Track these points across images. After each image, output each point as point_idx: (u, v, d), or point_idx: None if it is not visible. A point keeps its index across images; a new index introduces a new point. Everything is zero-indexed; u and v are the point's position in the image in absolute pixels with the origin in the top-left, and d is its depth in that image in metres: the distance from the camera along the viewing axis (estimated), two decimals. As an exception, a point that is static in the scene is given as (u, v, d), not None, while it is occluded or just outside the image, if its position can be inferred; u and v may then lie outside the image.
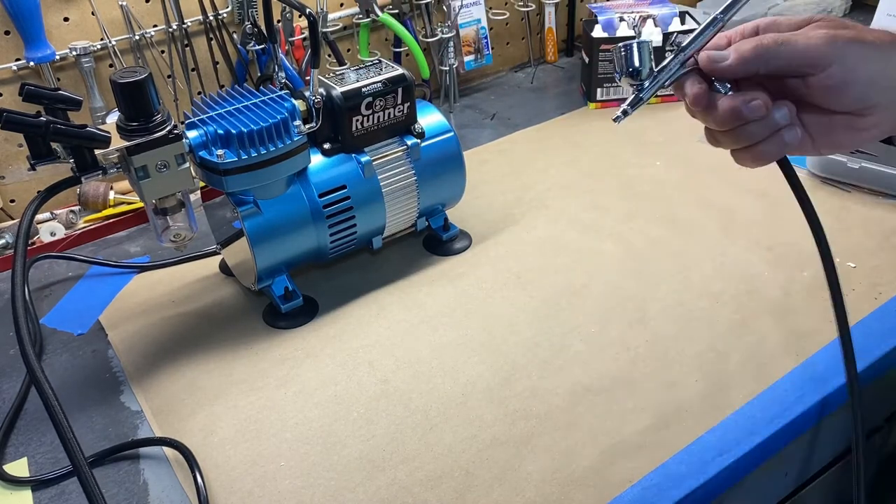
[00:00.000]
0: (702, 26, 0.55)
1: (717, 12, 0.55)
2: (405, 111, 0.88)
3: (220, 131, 0.77)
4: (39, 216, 1.03)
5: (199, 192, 1.01)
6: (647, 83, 0.55)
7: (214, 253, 0.98)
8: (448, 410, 0.75)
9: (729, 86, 0.53)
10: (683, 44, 0.55)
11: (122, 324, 0.89)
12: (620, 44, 0.55)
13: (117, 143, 0.70)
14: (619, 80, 0.56)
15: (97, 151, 0.70)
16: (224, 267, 0.96)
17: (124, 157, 0.71)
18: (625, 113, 0.56)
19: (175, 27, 1.08)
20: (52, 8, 0.99)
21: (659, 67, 0.55)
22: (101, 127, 0.69)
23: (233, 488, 0.69)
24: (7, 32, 0.98)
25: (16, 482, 0.71)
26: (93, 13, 1.02)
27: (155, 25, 1.07)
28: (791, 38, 0.50)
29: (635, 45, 0.55)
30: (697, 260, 0.92)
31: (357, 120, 0.85)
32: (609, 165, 1.13)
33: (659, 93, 0.58)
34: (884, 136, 0.54)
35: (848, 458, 0.93)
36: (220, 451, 0.72)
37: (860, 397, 0.65)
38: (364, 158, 0.86)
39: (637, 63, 0.55)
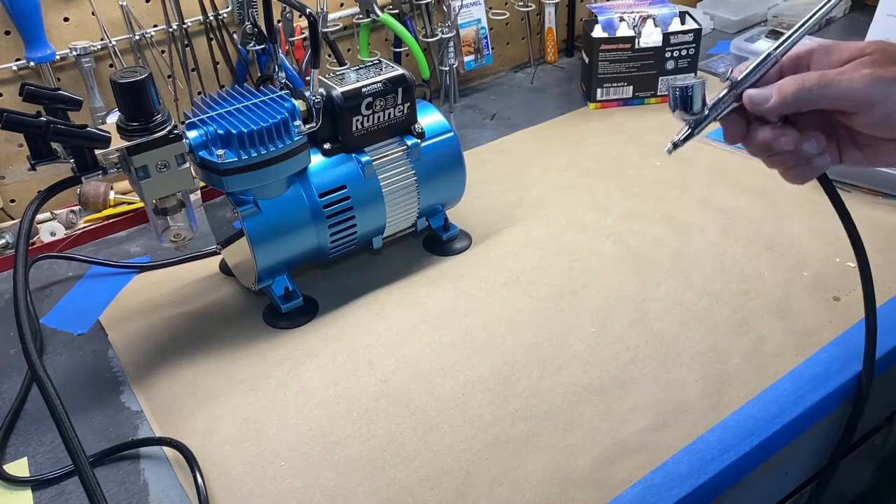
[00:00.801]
0: (756, 62, 0.56)
1: (772, 48, 0.56)
2: (405, 111, 0.88)
3: (220, 131, 0.77)
4: (40, 216, 1.03)
5: (199, 192, 1.01)
6: (700, 118, 0.57)
7: (214, 253, 0.98)
8: (448, 410, 0.75)
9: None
10: (738, 79, 0.56)
11: (122, 324, 0.89)
12: (678, 83, 0.57)
13: (117, 143, 0.70)
14: (673, 114, 0.58)
15: (97, 151, 0.70)
16: (224, 267, 0.96)
17: (124, 157, 0.71)
18: (675, 146, 0.58)
19: (175, 27, 1.08)
20: (52, 8, 0.99)
21: (712, 103, 0.57)
22: (101, 127, 0.69)
23: (233, 488, 0.69)
24: (7, 32, 0.98)
25: (16, 482, 0.71)
26: (93, 13, 1.02)
27: (155, 25, 1.07)
28: (834, 80, 0.52)
29: (695, 86, 0.56)
30: (697, 260, 0.92)
31: (357, 120, 0.85)
32: (609, 165, 1.13)
33: (659, 93, 0.59)
34: None
35: (847, 458, 0.93)
36: (220, 451, 0.72)
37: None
38: (364, 158, 0.86)
39: (695, 104, 0.57)
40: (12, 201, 1.07)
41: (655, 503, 0.65)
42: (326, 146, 0.86)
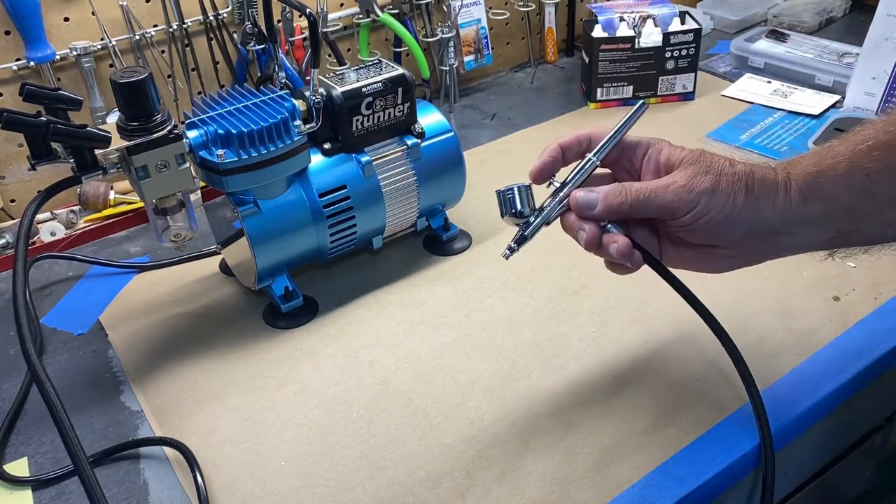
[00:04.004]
0: (577, 167, 0.62)
1: (591, 154, 0.62)
2: (405, 111, 0.88)
3: (221, 131, 0.77)
4: (39, 216, 1.03)
5: (199, 192, 1.01)
6: (531, 220, 0.61)
7: (214, 253, 0.98)
8: (448, 410, 0.75)
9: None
10: (559, 183, 0.61)
11: (122, 324, 0.89)
12: (502, 188, 0.61)
13: (117, 143, 0.70)
14: (503, 219, 0.62)
15: (97, 151, 0.70)
16: (224, 267, 0.96)
17: (124, 157, 0.71)
18: (511, 250, 0.63)
19: (175, 27, 1.08)
20: (52, 8, 0.99)
21: (540, 206, 0.61)
22: (101, 127, 0.69)
23: (233, 488, 0.69)
24: (7, 32, 0.98)
25: (16, 482, 0.71)
26: (93, 13, 1.02)
27: (155, 25, 1.07)
28: (652, 193, 0.57)
29: (516, 190, 0.60)
30: (697, 260, 0.92)
31: (357, 120, 0.85)
32: (609, 165, 1.13)
33: (659, 93, 0.61)
34: (747, 265, 0.62)
35: (847, 458, 0.93)
36: (220, 451, 0.72)
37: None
38: (364, 158, 0.86)
39: (519, 206, 0.61)
40: (12, 201, 1.07)
41: (655, 503, 0.65)
42: (326, 146, 0.86)
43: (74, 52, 1.01)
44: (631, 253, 0.59)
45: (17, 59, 0.99)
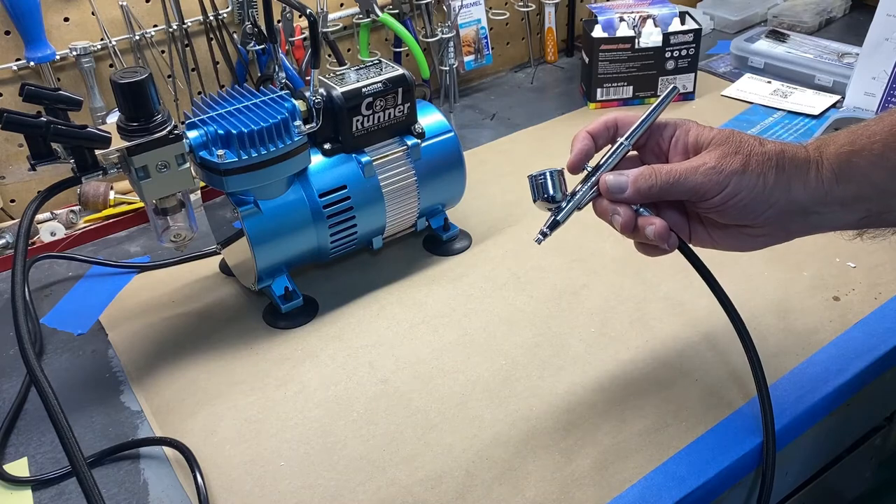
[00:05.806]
0: (609, 152, 0.62)
1: (623, 138, 0.62)
2: (405, 111, 0.88)
3: (221, 131, 0.77)
4: (39, 216, 1.03)
5: (199, 192, 1.01)
6: (563, 205, 0.62)
7: (214, 253, 0.98)
8: (448, 410, 0.75)
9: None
10: (591, 168, 0.62)
11: (122, 324, 0.89)
12: (535, 173, 0.61)
13: (117, 143, 0.70)
14: (535, 204, 0.63)
15: (97, 151, 0.70)
16: (224, 267, 0.96)
17: (124, 157, 0.71)
18: (544, 234, 0.63)
19: (175, 27, 1.08)
20: (52, 8, 1.00)
21: (572, 191, 0.62)
22: (102, 127, 0.69)
23: (233, 488, 0.69)
24: (7, 32, 0.98)
25: (16, 482, 0.71)
26: (93, 13, 1.02)
27: (155, 25, 1.07)
28: (682, 176, 0.57)
29: (548, 175, 0.61)
30: (697, 260, 0.92)
31: (357, 120, 0.85)
32: (609, 165, 1.13)
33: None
34: (777, 243, 0.62)
35: (847, 458, 0.93)
36: (220, 451, 0.72)
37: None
38: (364, 158, 0.86)
39: (551, 191, 0.61)
40: (12, 201, 1.07)
41: (655, 503, 0.65)
42: (326, 146, 0.86)
43: (74, 52, 1.01)
44: (668, 235, 0.59)
45: (17, 59, 0.99)
